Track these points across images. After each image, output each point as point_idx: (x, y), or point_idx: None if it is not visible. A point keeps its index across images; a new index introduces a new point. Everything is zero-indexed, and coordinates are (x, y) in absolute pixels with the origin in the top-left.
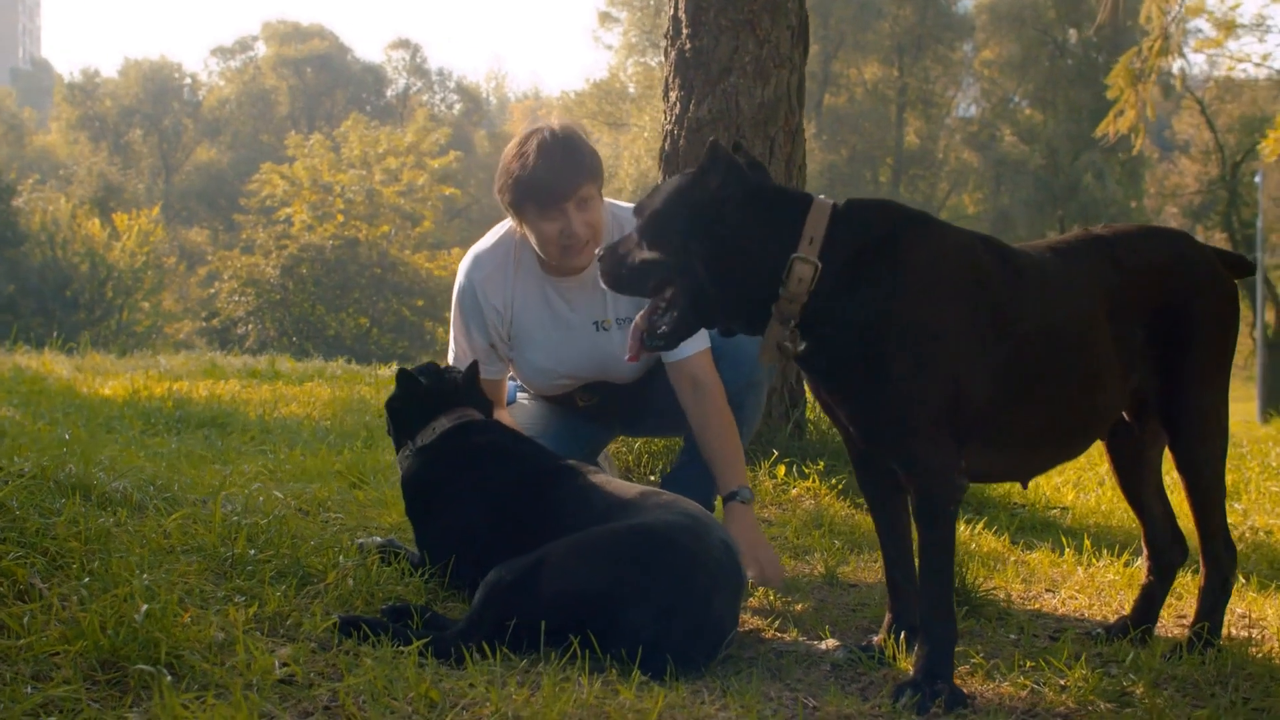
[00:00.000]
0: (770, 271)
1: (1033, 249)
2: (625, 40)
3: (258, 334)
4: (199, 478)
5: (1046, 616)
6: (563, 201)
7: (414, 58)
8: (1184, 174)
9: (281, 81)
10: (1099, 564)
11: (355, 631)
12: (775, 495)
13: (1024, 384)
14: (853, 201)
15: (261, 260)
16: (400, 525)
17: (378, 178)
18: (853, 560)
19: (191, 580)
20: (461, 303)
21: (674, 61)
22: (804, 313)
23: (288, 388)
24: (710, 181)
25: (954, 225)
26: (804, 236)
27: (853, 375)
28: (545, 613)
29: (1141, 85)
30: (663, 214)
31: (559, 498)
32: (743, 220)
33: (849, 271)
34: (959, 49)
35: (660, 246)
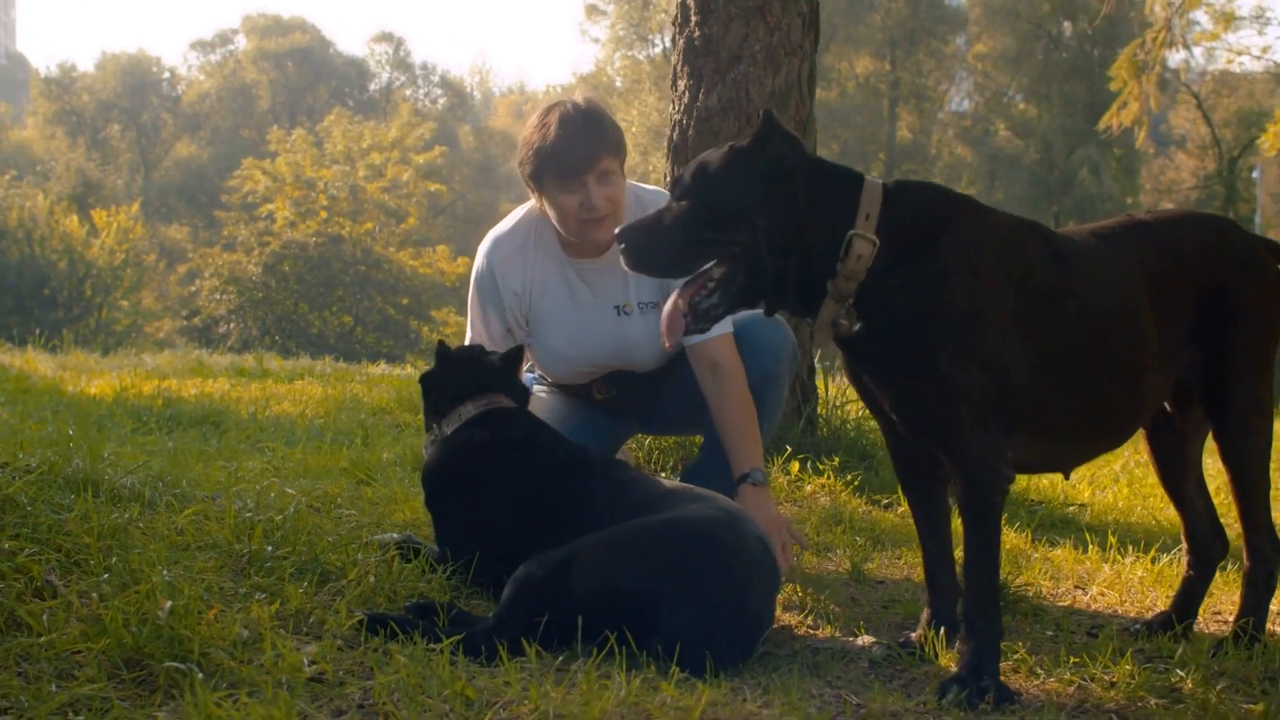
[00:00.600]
0: (829, 248)
1: (1076, 234)
2: (613, 34)
3: (240, 333)
4: (205, 474)
5: (1080, 613)
6: (583, 173)
7: (397, 51)
8: (1180, 169)
9: (262, 76)
10: (1125, 561)
11: (382, 629)
12: (790, 492)
13: (1068, 372)
14: (901, 182)
15: (243, 257)
16: (413, 522)
17: (361, 173)
18: (877, 557)
19: (210, 577)
20: (480, 285)
21: (682, 49)
22: (859, 292)
23: (278, 386)
24: (771, 151)
25: (998, 210)
26: (860, 213)
27: (899, 360)
28: (577, 609)
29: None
30: (719, 186)
31: (588, 492)
32: (806, 193)
33: (899, 253)
34: (952, 42)
35: (714, 220)
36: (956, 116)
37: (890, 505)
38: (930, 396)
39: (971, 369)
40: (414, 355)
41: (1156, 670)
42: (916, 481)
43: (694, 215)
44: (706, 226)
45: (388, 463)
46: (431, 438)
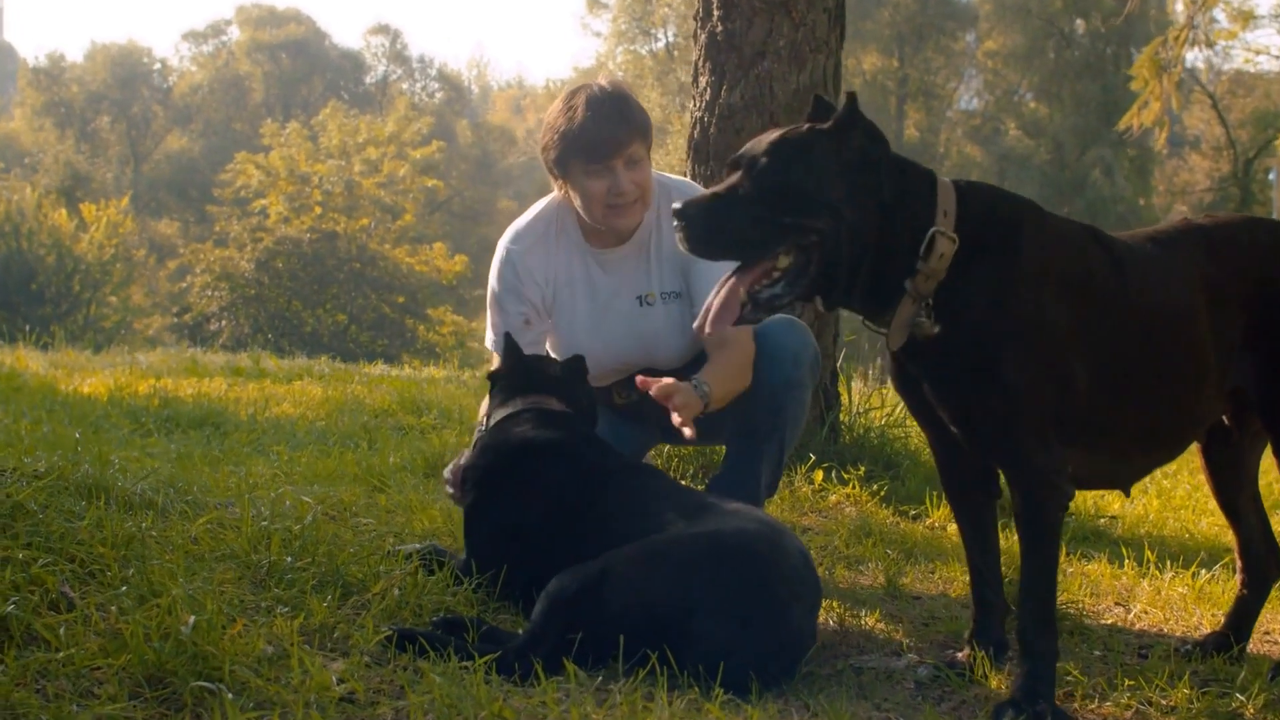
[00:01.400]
0: (909, 244)
1: (1132, 239)
2: (615, 27)
3: (231, 330)
4: (214, 480)
5: (1125, 632)
6: (611, 157)
7: (394, 44)
8: (1194, 171)
9: (256, 68)
10: (1164, 577)
11: (411, 645)
12: (814, 502)
13: (1125, 382)
14: (968, 182)
15: (235, 253)
16: (432, 531)
17: (357, 168)
18: (910, 570)
19: (229, 589)
20: (501, 275)
21: (704, 45)
22: (937, 292)
23: (276, 386)
24: (854, 140)
25: (1057, 214)
26: (939, 210)
27: (963, 367)
28: (612, 625)
29: (1166, 76)
30: (802, 168)
31: (624, 500)
32: (890, 186)
33: (969, 255)
34: (961, 39)
35: (794, 204)
36: (966, 115)
37: (918, 516)
38: (993, 406)
39: (1036, 378)
40: (410, 355)
41: (1216, 694)
42: (965, 497)
43: (771, 196)
44: (785, 210)
45: (397, 467)
46: (475, 437)
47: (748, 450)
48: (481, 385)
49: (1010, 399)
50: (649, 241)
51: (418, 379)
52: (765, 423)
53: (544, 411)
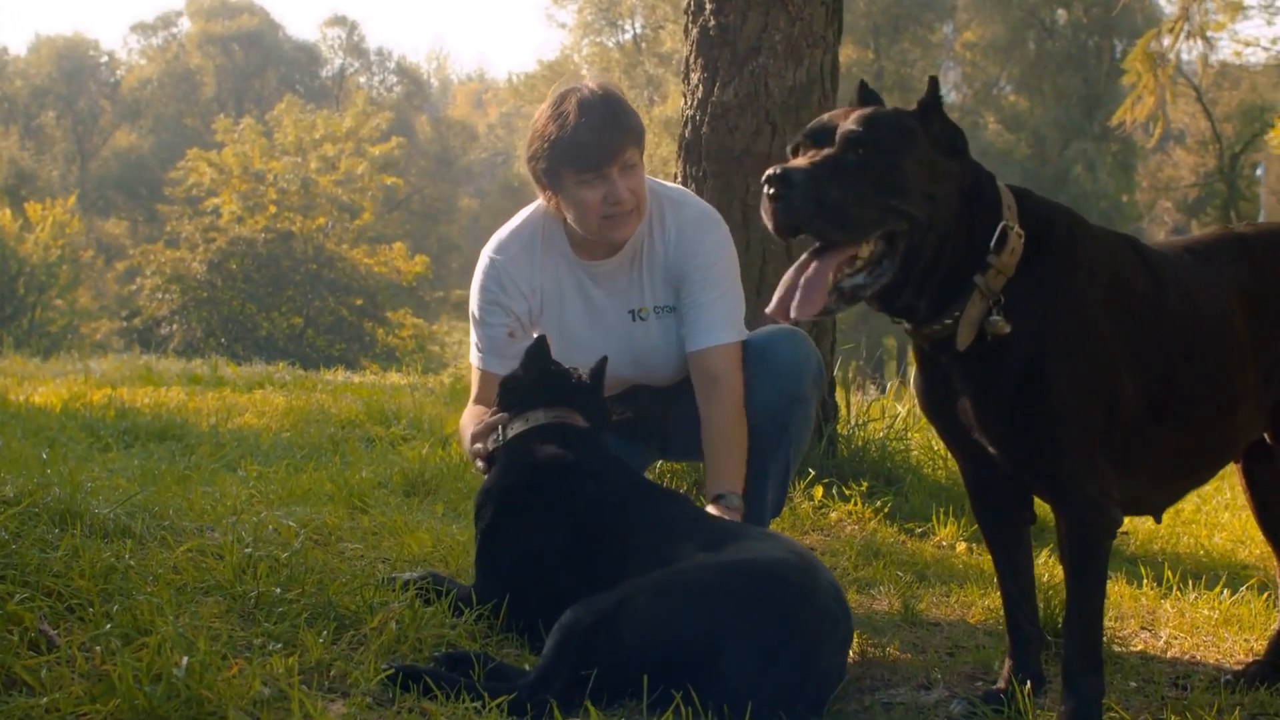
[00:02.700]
0: (982, 238)
1: (1168, 249)
2: (580, 19)
3: (183, 335)
4: (188, 502)
5: (1157, 660)
6: (606, 165)
7: (351, 36)
8: (1179, 166)
9: (208, 61)
10: (1186, 598)
11: (415, 684)
12: (815, 520)
13: (1163, 401)
14: (1017, 186)
15: (187, 254)
16: (424, 556)
17: (313, 165)
18: (924, 595)
19: (217, 625)
20: (484, 287)
21: (695, 40)
22: (1005, 290)
23: (236, 395)
24: (935, 126)
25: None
26: (1004, 206)
27: (1014, 380)
28: (630, 660)
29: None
30: (904, 148)
31: (644, 526)
32: (967, 175)
33: (1027, 258)
34: (939, 30)
35: (897, 186)
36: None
37: (925, 534)
38: (1045, 424)
39: (1089, 394)
40: (369, 359)
41: None
42: (999, 522)
43: (876, 175)
44: (888, 191)
45: (373, 484)
46: (493, 441)
47: (752, 469)
48: (450, 395)
49: (1062, 416)
50: (640, 253)
51: (383, 386)
52: (769, 439)
53: (567, 427)
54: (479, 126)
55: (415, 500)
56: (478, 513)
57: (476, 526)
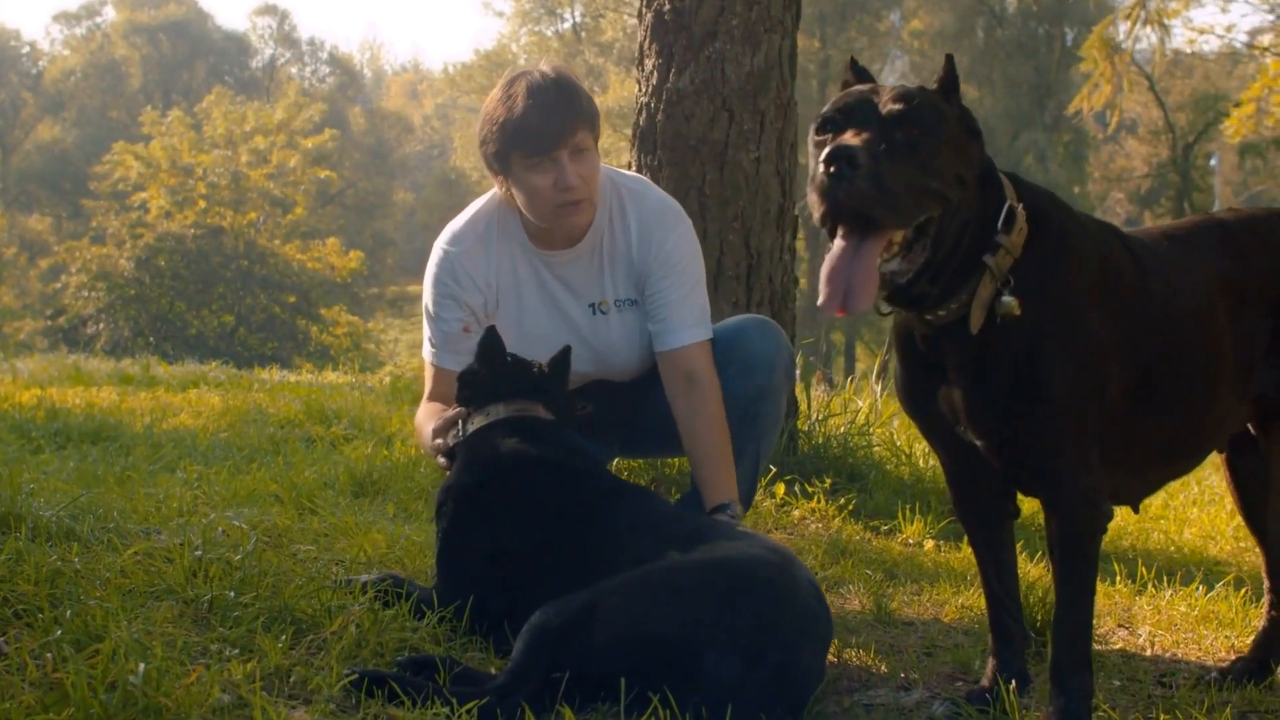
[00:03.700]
0: (992, 218)
1: (1148, 236)
2: (518, 7)
3: (110, 334)
4: (131, 504)
5: (1138, 658)
6: (555, 148)
7: (282, 25)
8: (1132, 156)
9: (134, 51)
10: (1161, 594)
11: (379, 689)
12: (778, 518)
13: (1146, 393)
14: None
15: (114, 251)
16: (379, 558)
17: (244, 159)
18: (896, 594)
19: (171, 630)
20: (438, 281)
21: (650, 25)
22: (1013, 271)
23: (170, 395)
24: (954, 108)
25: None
26: (1006, 186)
27: (1008, 371)
28: (603, 662)
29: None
30: (944, 128)
31: (614, 524)
32: (981, 159)
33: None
34: (886, 19)
35: (935, 168)
36: None
37: (891, 532)
38: (1039, 416)
39: (1083, 386)
40: (303, 358)
41: None
42: (983, 518)
43: (924, 156)
44: (932, 173)
45: (318, 484)
46: (453, 436)
47: None
48: (391, 393)
49: (1059, 407)
50: (601, 245)
51: (321, 385)
52: (739, 433)
53: (530, 420)
54: (414, 118)
55: (365, 501)
56: (438, 511)
57: (437, 525)
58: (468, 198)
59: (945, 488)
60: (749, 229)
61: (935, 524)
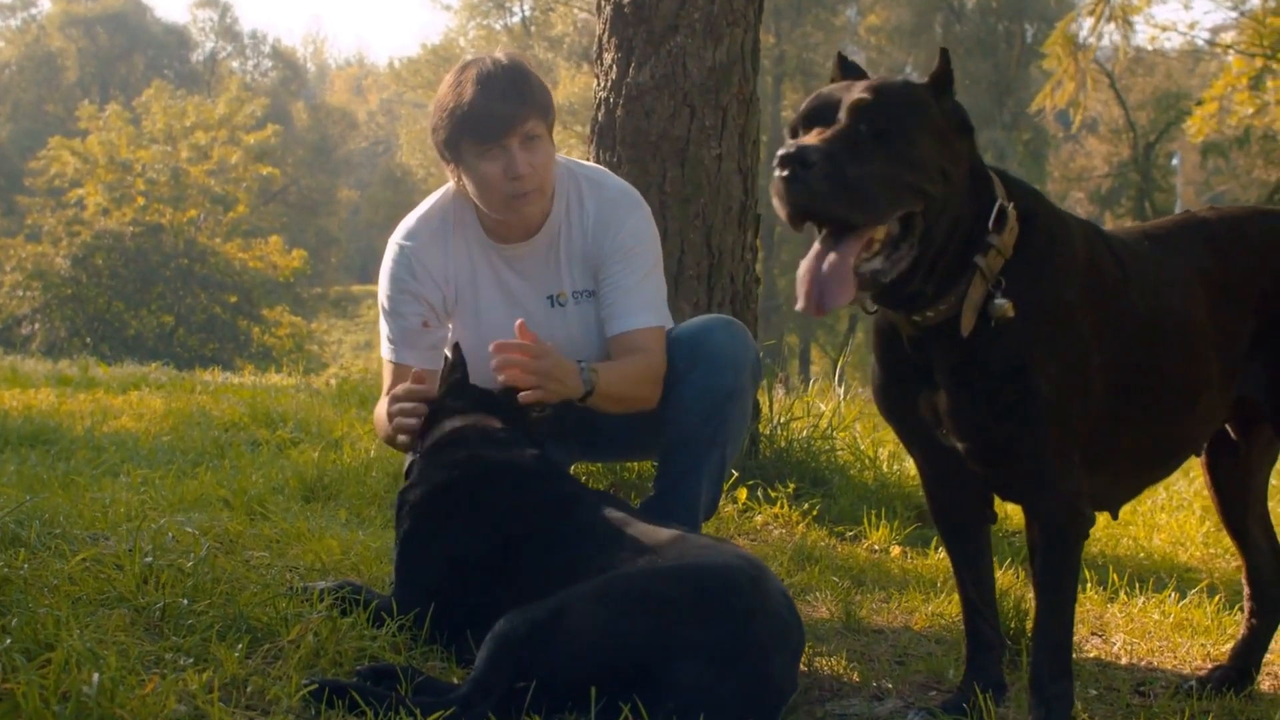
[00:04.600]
0: (979, 219)
1: (1128, 234)
2: (466, 0)
3: (45, 334)
4: (77, 509)
5: (1114, 666)
6: (505, 136)
7: (223, 18)
8: (1092, 155)
9: (70, 44)
10: (1134, 602)
11: (340, 699)
12: (740, 524)
13: (1129, 395)
14: (990, 166)
15: (49, 249)
16: (334, 564)
17: (184, 155)
18: (864, 601)
19: (123, 638)
20: (395, 276)
21: (609, 18)
22: (1004, 272)
23: (110, 397)
24: (946, 104)
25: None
26: (996, 185)
27: (994, 374)
28: (571, 671)
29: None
30: (923, 122)
31: (580, 531)
32: (971, 155)
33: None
34: (842, 14)
35: (916, 163)
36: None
37: (856, 538)
38: (1025, 420)
39: (1068, 389)
40: (245, 360)
41: None
42: (960, 524)
43: (895, 151)
44: (907, 168)
45: (268, 489)
46: (413, 456)
47: (684, 466)
48: (338, 396)
49: (1043, 412)
50: (558, 236)
51: (265, 388)
52: (703, 435)
53: (488, 429)
54: (359, 114)
55: (316, 506)
56: (398, 517)
57: (396, 532)
58: (414, 195)
59: (910, 493)
60: (710, 227)
61: (901, 530)
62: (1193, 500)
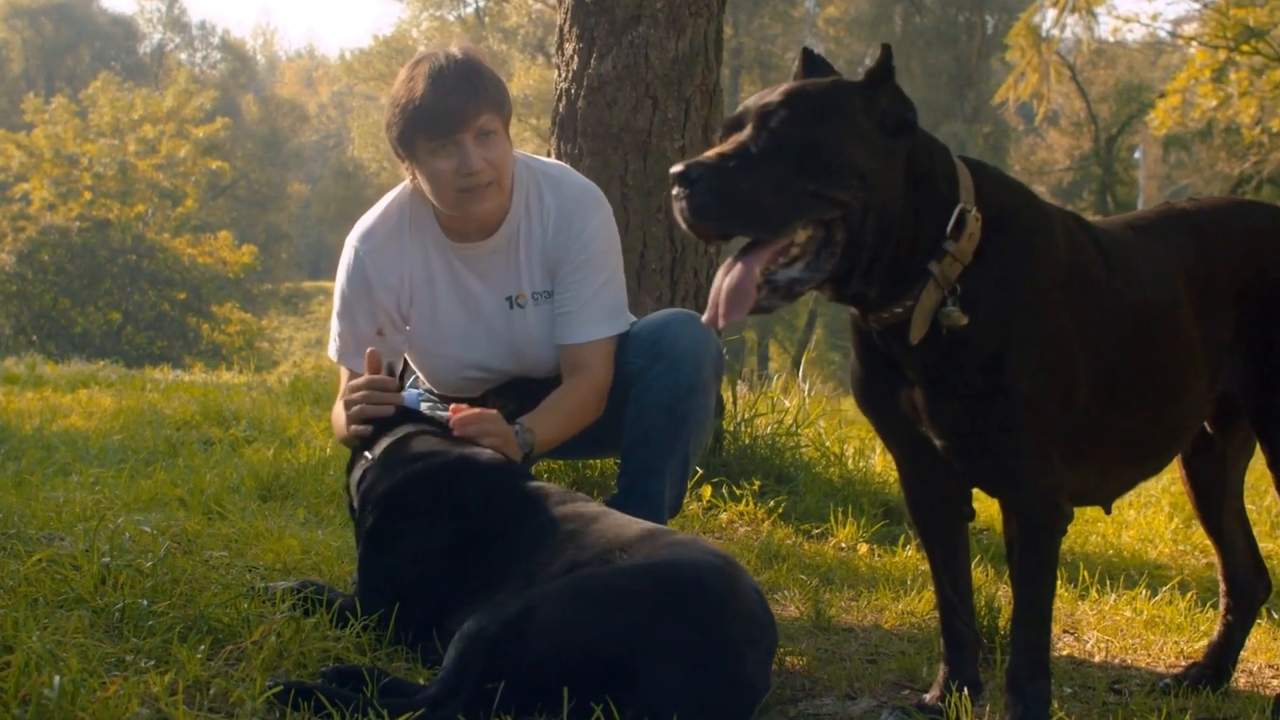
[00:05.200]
0: (938, 223)
1: (1111, 226)
2: None
3: None
4: (29, 509)
5: (1088, 664)
6: (457, 131)
7: (171, 9)
8: (1053, 148)
9: (15, 35)
10: (1105, 600)
11: (305, 701)
12: (705, 521)
13: (1115, 390)
14: (975, 160)
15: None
16: (295, 564)
17: (132, 148)
18: (833, 600)
19: (82, 640)
20: (350, 280)
21: (570, 8)
22: (962, 279)
23: (59, 396)
24: (882, 100)
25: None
26: (962, 186)
27: (970, 371)
28: (541, 672)
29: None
30: (829, 125)
31: (546, 527)
32: (917, 155)
33: (985, 241)
34: (800, 5)
35: (820, 169)
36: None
37: (823, 535)
38: (1001, 417)
39: (1048, 386)
40: (194, 358)
41: None
42: (938, 520)
43: (792, 158)
44: (808, 175)
45: (224, 488)
46: (363, 466)
47: (647, 464)
48: (291, 394)
49: (1020, 410)
50: (517, 236)
51: (217, 386)
52: (666, 432)
53: (439, 433)
54: (309, 106)
55: (274, 505)
56: (359, 515)
57: (358, 530)
58: (366, 190)
59: (876, 490)
60: (673, 221)
61: (868, 527)
62: (1160, 497)
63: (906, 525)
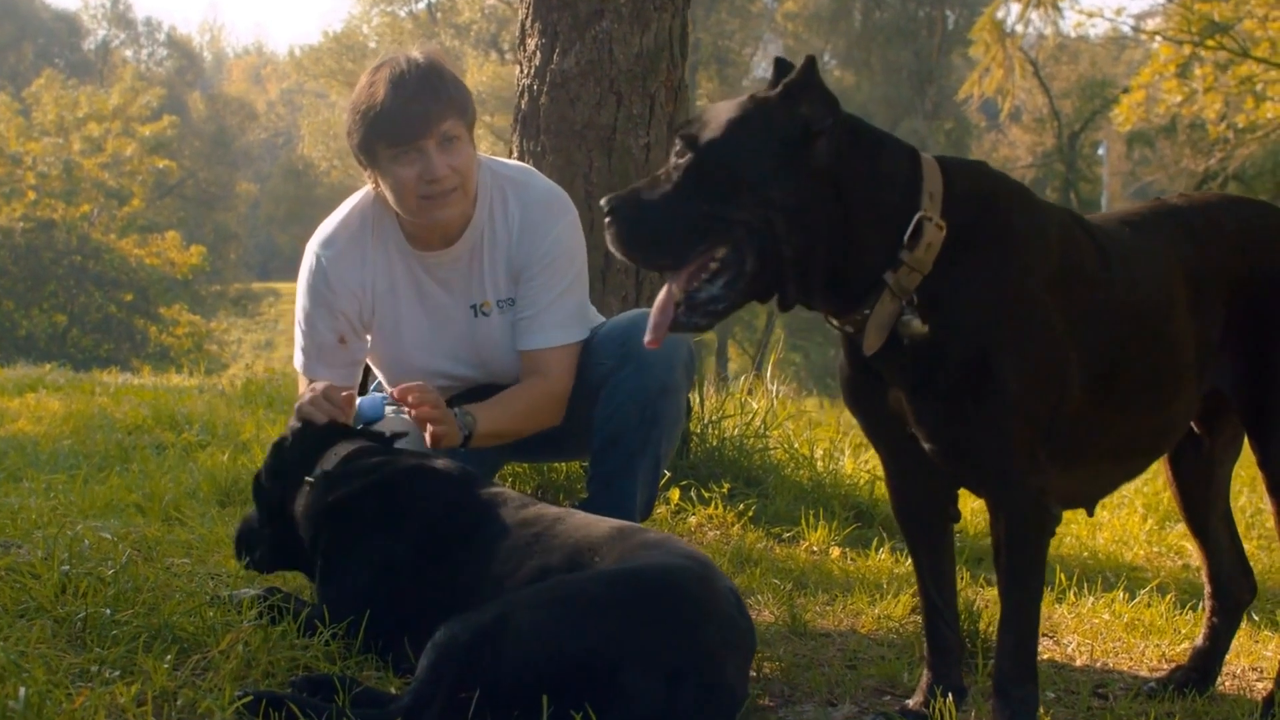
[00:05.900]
0: (888, 232)
1: (1106, 222)
2: None
3: None
4: None
5: (1069, 669)
6: (419, 138)
7: (115, 4)
8: (1016, 145)
9: None
10: (1084, 603)
11: (276, 711)
12: (673, 525)
13: (1109, 390)
14: (955, 160)
15: None
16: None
17: (77, 147)
18: (808, 604)
19: (45, 650)
20: (311, 288)
21: (532, 3)
22: (924, 287)
23: (5, 400)
24: (800, 109)
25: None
26: (923, 192)
27: (953, 375)
28: (516, 680)
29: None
30: (726, 145)
31: (516, 533)
32: (844, 163)
33: (960, 244)
34: (758, 1)
35: (716, 190)
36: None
37: (794, 539)
38: (987, 419)
39: (1034, 388)
40: (142, 360)
41: None
42: (924, 522)
43: (692, 182)
44: (706, 198)
45: (181, 494)
46: (308, 484)
47: (618, 466)
48: (244, 397)
49: (1007, 411)
50: (481, 242)
51: (168, 389)
52: (637, 434)
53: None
54: (258, 104)
55: (232, 510)
56: (318, 526)
57: (318, 540)
58: (316, 189)
59: (847, 492)
60: None
61: (840, 530)
62: (1134, 498)
63: (880, 528)
